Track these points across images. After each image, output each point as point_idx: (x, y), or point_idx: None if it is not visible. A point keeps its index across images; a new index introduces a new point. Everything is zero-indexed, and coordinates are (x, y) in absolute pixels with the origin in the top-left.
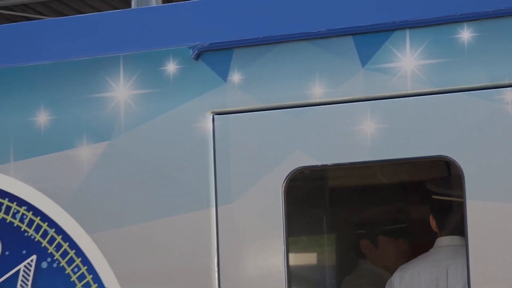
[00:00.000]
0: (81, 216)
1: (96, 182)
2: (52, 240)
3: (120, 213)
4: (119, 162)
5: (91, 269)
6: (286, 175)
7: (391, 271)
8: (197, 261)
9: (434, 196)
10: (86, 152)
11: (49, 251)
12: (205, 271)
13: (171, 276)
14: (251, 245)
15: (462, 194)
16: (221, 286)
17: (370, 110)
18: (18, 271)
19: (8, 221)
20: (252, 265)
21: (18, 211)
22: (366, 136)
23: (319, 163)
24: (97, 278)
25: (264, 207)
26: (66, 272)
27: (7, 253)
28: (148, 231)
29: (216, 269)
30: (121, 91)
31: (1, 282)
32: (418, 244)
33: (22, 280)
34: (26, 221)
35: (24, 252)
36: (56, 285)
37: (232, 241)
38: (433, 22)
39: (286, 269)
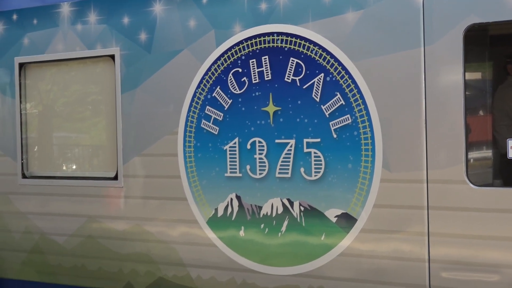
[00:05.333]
0: (348, 50)
1: (355, 30)
2: (332, 65)
3: (364, 49)
4: (369, 21)
5: (354, 81)
6: (465, 27)
7: None
8: (408, 77)
9: None
10: (350, 16)
11: (330, 71)
12: (414, 86)
13: (385, 95)
14: (446, 68)
15: None
16: (427, 99)
17: None
18: (313, 82)
19: (308, 54)
20: (445, 81)
21: (313, 49)
22: None
23: (484, 21)
24: (356, 86)
25: (452, 47)
26: (340, 83)
27: (308, 72)
28: (377, 64)
29: (423, 81)
30: None
31: (305, 89)
32: None
33: (316, 87)
34: (318, 54)
35: (316, 71)
36: (334, 90)
37: (435, 69)
38: None
39: (463, 85)
